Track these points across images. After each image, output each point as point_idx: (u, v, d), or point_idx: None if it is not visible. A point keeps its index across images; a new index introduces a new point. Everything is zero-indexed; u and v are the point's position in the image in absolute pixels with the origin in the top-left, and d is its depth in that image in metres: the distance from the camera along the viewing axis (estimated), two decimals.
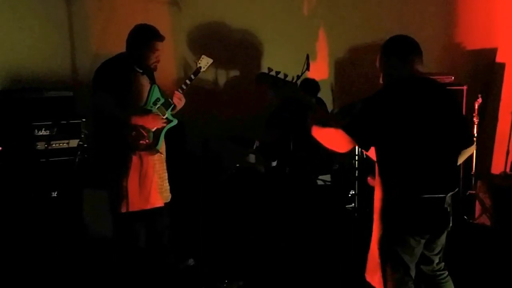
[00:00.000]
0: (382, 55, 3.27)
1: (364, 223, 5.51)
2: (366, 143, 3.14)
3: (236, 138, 6.06)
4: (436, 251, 3.29)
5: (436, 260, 3.34)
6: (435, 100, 3.13)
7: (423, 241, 3.15)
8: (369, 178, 3.56)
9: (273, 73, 3.51)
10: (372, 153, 3.21)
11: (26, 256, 4.75)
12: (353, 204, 5.73)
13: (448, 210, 3.16)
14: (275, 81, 3.53)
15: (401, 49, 3.22)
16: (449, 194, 3.13)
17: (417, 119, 3.04)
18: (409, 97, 3.08)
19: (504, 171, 6.20)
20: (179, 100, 4.54)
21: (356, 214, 5.63)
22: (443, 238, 3.28)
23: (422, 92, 3.13)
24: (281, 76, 3.49)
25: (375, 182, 3.24)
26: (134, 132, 4.24)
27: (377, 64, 3.32)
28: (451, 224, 3.24)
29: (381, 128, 3.03)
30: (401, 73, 3.17)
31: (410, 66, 3.18)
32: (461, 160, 3.34)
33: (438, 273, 3.37)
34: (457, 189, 3.21)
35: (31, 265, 4.67)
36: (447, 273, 3.40)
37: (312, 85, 5.96)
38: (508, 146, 6.21)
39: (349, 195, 5.82)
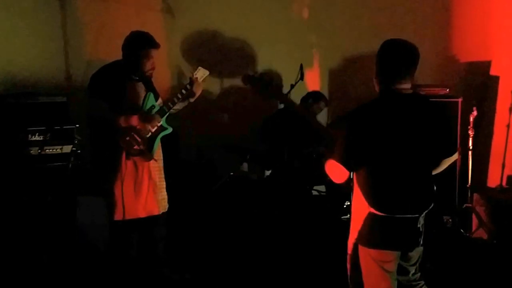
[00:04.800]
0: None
1: None
2: (353, 167, 3.10)
3: (230, 146, 6.05)
4: (412, 262, 3.29)
5: (412, 271, 3.33)
6: (413, 116, 3.10)
7: (399, 255, 3.18)
8: None
9: (257, 75, 3.59)
10: None
11: (19, 262, 4.71)
12: (348, 215, 5.71)
13: (421, 230, 3.16)
14: (260, 83, 3.60)
15: (385, 71, 3.18)
16: (423, 214, 3.14)
17: (393, 136, 3.03)
18: (385, 114, 3.06)
19: (500, 184, 6.19)
20: (199, 86, 4.56)
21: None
22: (419, 250, 3.28)
23: (401, 108, 3.10)
24: (266, 78, 3.58)
25: (353, 192, 3.25)
26: (127, 138, 4.19)
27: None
28: (421, 242, 3.22)
29: (361, 149, 3.02)
30: (383, 91, 3.18)
31: (393, 85, 3.14)
32: (441, 168, 3.34)
33: (414, 283, 3.36)
34: (431, 206, 3.19)
35: (24, 271, 4.63)
36: (423, 283, 3.39)
37: (320, 94, 6.06)
38: (504, 159, 6.21)
39: (344, 206, 5.82)
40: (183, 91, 4.56)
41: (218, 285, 4.71)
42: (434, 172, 3.30)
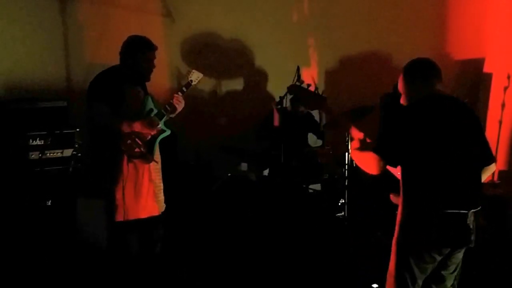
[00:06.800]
0: (405, 77, 3.38)
1: (354, 231, 5.61)
2: (394, 161, 3.20)
3: (228, 148, 6.11)
4: (450, 270, 3.30)
5: (450, 281, 3.33)
6: (458, 117, 3.21)
7: (438, 258, 3.18)
8: (391, 195, 3.62)
9: (304, 85, 3.72)
10: (395, 170, 3.28)
11: (21, 263, 4.77)
12: (343, 213, 5.79)
13: (471, 227, 3.15)
14: (305, 93, 3.72)
15: (425, 72, 3.33)
16: (471, 211, 3.15)
17: (442, 135, 3.11)
18: (433, 114, 3.16)
19: (492, 180, 6.25)
20: (179, 102, 4.58)
21: (346, 223, 5.68)
22: (459, 256, 3.29)
23: (446, 109, 3.20)
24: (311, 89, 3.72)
25: (399, 199, 3.28)
26: (129, 141, 4.29)
27: (400, 86, 3.42)
28: (473, 244, 3.21)
29: (407, 145, 3.10)
30: (424, 93, 3.27)
31: (432, 87, 3.28)
32: (483, 178, 3.37)
33: None
34: (480, 207, 3.21)
35: (25, 271, 4.69)
36: None
37: None
38: (496, 155, 6.28)
39: (339, 204, 5.88)
40: (179, 93, 4.66)
41: (217, 284, 4.77)
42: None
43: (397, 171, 3.28)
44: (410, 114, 3.21)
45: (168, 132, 4.57)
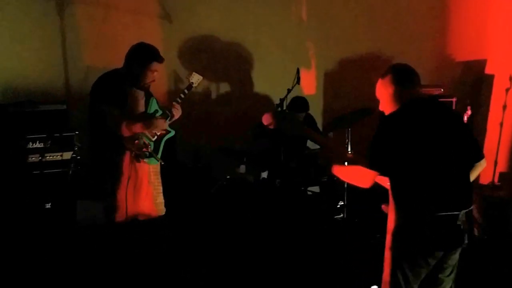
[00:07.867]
0: (395, 83, 3.30)
1: (352, 234, 5.62)
2: (389, 172, 3.15)
3: (227, 150, 6.12)
4: (447, 272, 3.27)
5: (448, 285, 3.30)
6: (443, 118, 3.19)
7: (433, 262, 3.16)
8: (383, 206, 3.60)
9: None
10: (383, 180, 3.23)
11: (20, 268, 4.76)
12: (342, 215, 5.78)
13: (462, 227, 3.13)
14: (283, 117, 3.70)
15: (411, 78, 3.30)
16: (462, 212, 3.13)
17: (430, 138, 3.09)
18: (419, 118, 3.14)
19: (492, 182, 6.25)
20: (177, 110, 4.64)
21: (344, 225, 5.68)
22: (455, 258, 3.26)
23: (431, 113, 3.18)
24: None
25: (389, 208, 3.26)
26: (137, 141, 4.31)
27: (382, 92, 3.37)
28: (466, 242, 3.18)
29: (399, 154, 3.06)
30: (406, 97, 3.24)
31: (413, 92, 3.25)
32: (473, 175, 3.35)
33: None
34: (471, 207, 3.19)
35: (25, 277, 4.68)
36: None
37: (301, 102, 6.08)
38: (497, 156, 6.27)
39: (338, 206, 5.88)
40: (182, 95, 4.69)
41: (218, 285, 4.77)
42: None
43: (385, 181, 3.24)
44: (396, 121, 3.18)
45: (172, 133, 4.65)
